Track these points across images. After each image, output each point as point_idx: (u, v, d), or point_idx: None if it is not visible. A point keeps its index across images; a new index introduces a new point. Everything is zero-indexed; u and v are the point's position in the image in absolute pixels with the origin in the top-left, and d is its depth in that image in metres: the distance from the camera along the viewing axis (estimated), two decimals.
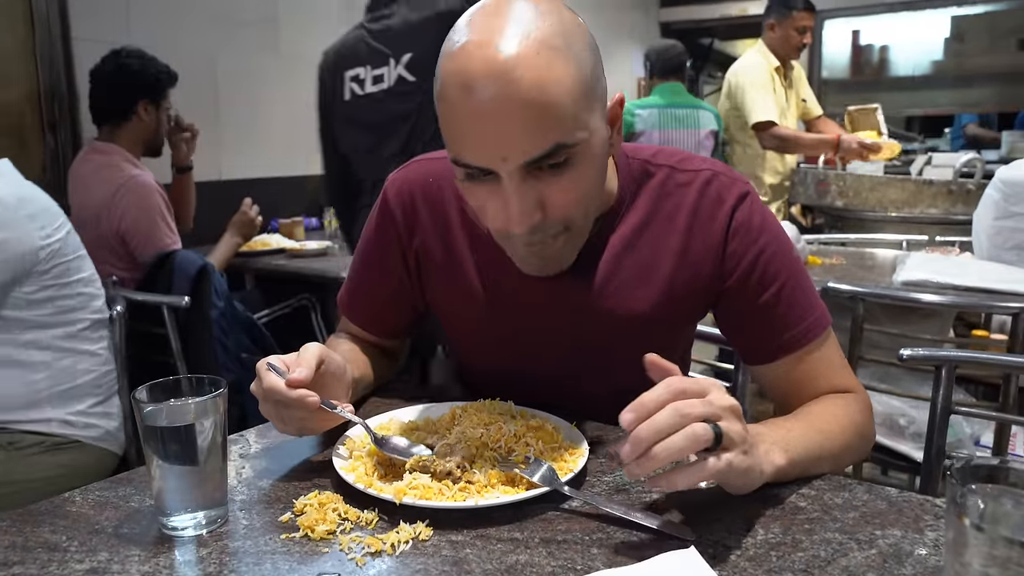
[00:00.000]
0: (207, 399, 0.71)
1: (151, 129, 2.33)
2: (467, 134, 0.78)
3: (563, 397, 0.97)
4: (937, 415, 1.21)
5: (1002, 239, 2.17)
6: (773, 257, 0.93)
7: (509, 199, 0.79)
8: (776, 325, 0.93)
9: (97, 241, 2.10)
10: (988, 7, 6.29)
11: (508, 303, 0.99)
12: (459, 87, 0.76)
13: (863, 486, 0.80)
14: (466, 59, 0.75)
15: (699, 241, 0.94)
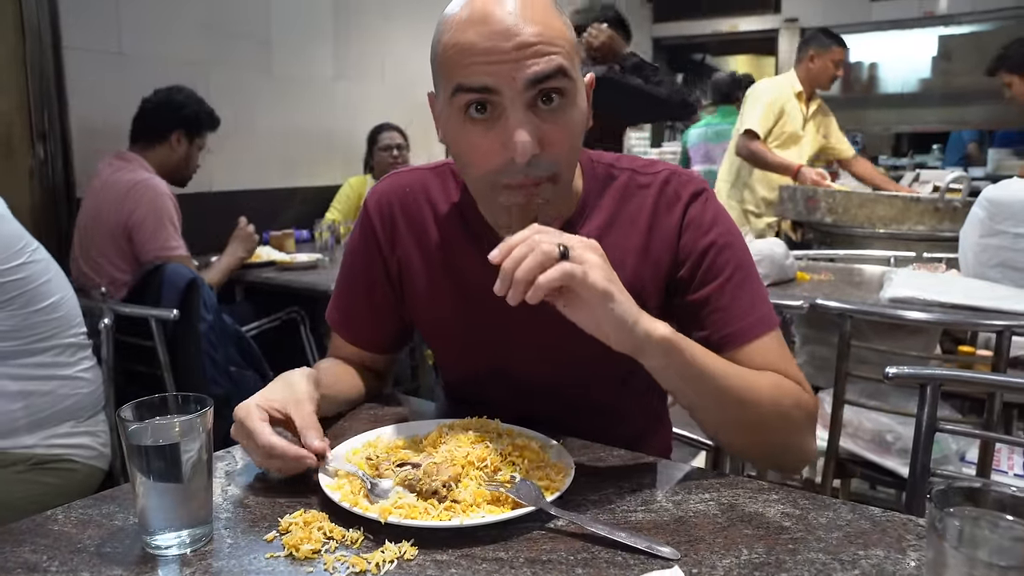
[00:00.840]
0: (193, 417, 0.71)
1: (179, 159, 2.51)
2: (481, 54, 0.82)
3: (542, 405, 0.99)
4: (922, 432, 1.22)
5: (987, 256, 2.19)
6: (722, 251, 0.96)
7: (512, 127, 0.83)
8: (720, 318, 0.95)
9: (105, 238, 2.26)
10: (973, 27, 6.37)
11: (484, 304, 0.95)
12: (477, 15, 0.83)
13: (847, 506, 0.81)
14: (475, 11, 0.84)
15: (658, 237, 0.99)
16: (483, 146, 0.86)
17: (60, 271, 1.63)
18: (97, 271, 2.31)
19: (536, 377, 1.03)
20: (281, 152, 3.58)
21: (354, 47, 3.94)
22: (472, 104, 0.84)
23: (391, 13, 4.17)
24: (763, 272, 2.18)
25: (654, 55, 7.44)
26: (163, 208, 2.30)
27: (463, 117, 0.86)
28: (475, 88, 0.83)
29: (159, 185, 2.34)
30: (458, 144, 0.89)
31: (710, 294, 0.96)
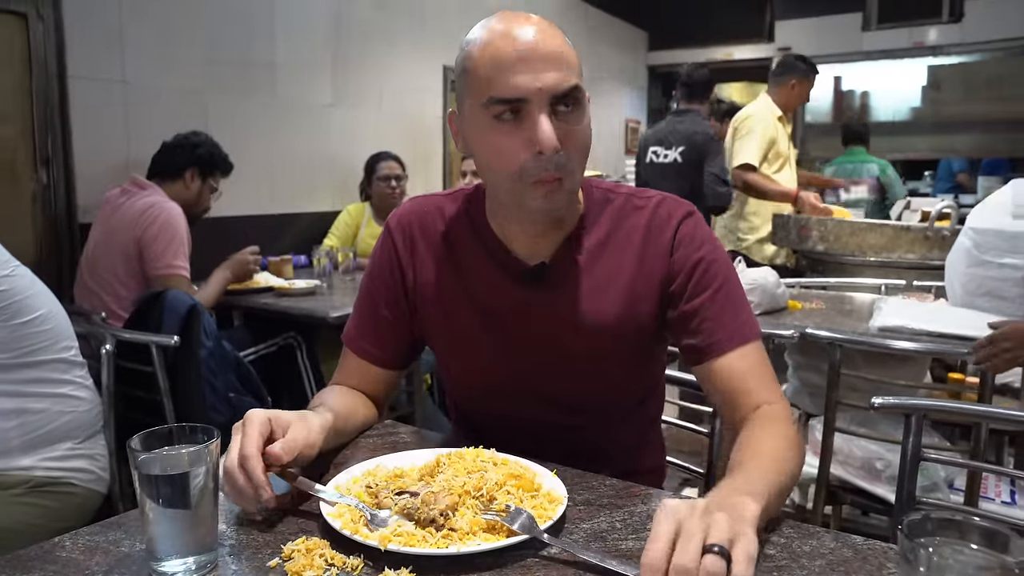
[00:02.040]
0: (202, 448, 0.74)
1: (192, 196, 2.62)
2: (511, 72, 0.94)
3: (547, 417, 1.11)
4: (907, 461, 1.25)
5: (974, 286, 2.22)
6: (710, 265, 1.07)
7: (541, 125, 0.94)
8: (709, 326, 1.04)
9: (116, 255, 2.37)
10: (961, 58, 6.50)
11: (494, 310, 1.10)
12: (504, 37, 0.96)
13: (831, 534, 0.84)
14: (505, 25, 0.97)
15: (652, 251, 1.08)
16: (511, 145, 0.96)
17: (45, 288, 1.64)
18: (103, 287, 2.37)
19: (540, 385, 1.11)
20: (279, 178, 3.62)
21: (352, 75, 4.00)
22: (504, 111, 0.96)
23: (390, 41, 4.24)
24: (755, 301, 2.21)
25: (649, 82, 7.55)
26: (176, 227, 2.42)
27: (493, 123, 0.97)
28: (508, 98, 0.95)
29: (174, 208, 2.45)
30: (488, 147, 0.99)
31: (700, 304, 1.05)
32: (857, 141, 5.16)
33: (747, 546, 0.66)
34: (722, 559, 0.64)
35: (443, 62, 4.64)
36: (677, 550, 0.65)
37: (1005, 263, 2.15)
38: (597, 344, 1.08)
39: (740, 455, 0.90)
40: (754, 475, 0.84)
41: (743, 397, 1.01)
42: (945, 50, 6.36)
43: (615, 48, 6.88)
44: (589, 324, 1.07)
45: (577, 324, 1.07)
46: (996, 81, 6.05)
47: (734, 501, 0.75)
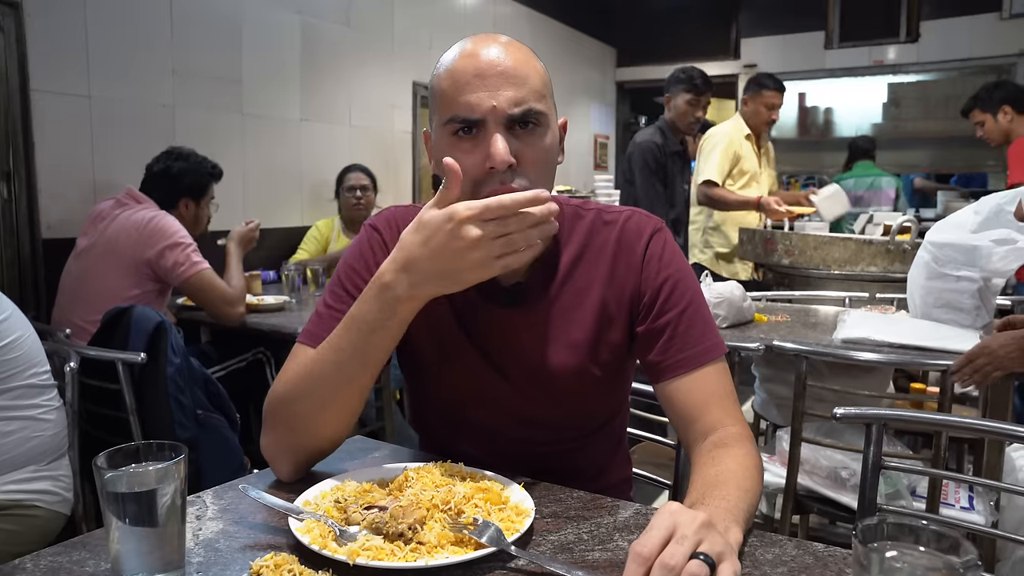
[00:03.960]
0: (169, 465, 0.74)
1: (191, 220, 2.63)
2: (468, 91, 0.96)
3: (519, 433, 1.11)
4: (869, 470, 1.28)
5: (933, 298, 2.28)
6: (677, 284, 1.08)
7: (494, 141, 0.95)
8: (677, 343, 1.05)
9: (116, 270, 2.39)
10: (920, 77, 6.69)
11: (472, 328, 1.09)
12: (465, 57, 0.98)
13: (792, 542, 0.86)
14: (472, 45, 0.99)
15: (623, 265, 1.10)
16: (468, 161, 0.96)
17: (19, 311, 1.62)
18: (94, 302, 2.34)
19: (518, 410, 1.11)
20: (248, 193, 3.61)
21: (321, 90, 4.00)
22: (461, 128, 0.97)
23: (359, 57, 4.25)
24: (721, 314, 2.25)
25: (617, 98, 7.63)
26: (176, 230, 2.45)
27: (453, 140, 0.98)
28: (465, 117, 0.96)
29: (169, 220, 2.47)
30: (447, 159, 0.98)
31: (667, 323, 1.06)
32: (864, 156, 5.44)
33: (734, 566, 0.68)
34: (707, 567, 0.66)
35: (413, 78, 4.66)
36: (668, 548, 0.67)
37: (962, 275, 2.21)
38: (573, 361, 1.08)
39: (714, 479, 0.90)
40: (734, 503, 0.84)
41: (703, 418, 1.02)
42: (904, 68, 6.54)
43: (584, 64, 6.96)
44: (565, 342, 1.08)
45: (554, 342, 1.08)
46: (951, 99, 6.22)
47: (727, 524, 0.78)
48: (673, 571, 0.65)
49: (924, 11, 6.32)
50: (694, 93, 3.57)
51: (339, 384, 0.97)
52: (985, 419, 1.41)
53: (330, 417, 0.99)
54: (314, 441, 1.01)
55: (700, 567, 0.65)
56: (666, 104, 3.63)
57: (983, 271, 2.17)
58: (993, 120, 3.52)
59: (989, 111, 3.52)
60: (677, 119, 3.61)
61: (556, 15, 6.28)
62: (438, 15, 4.92)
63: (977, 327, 2.19)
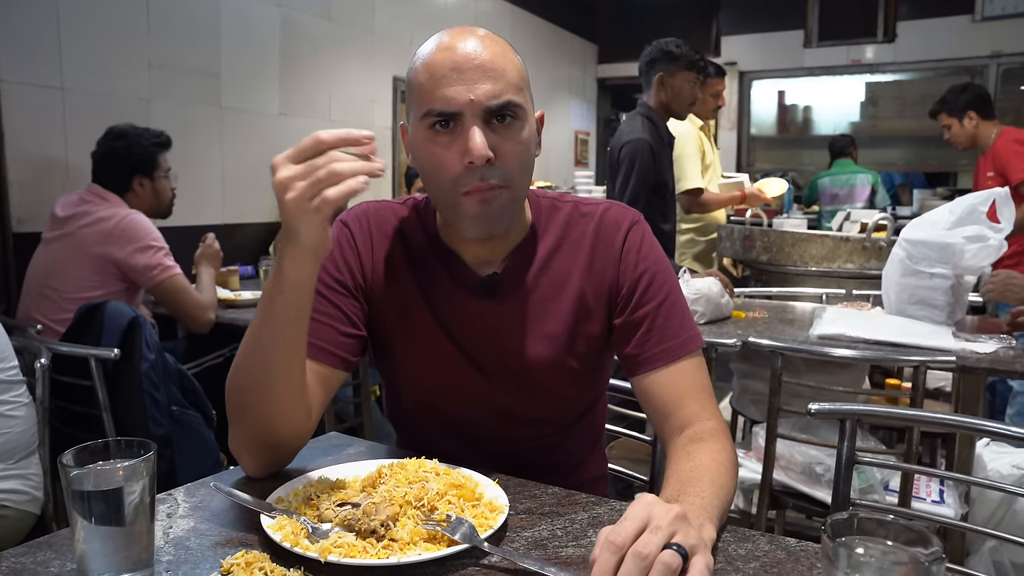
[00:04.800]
0: (137, 462, 0.73)
1: (150, 197, 2.52)
2: (445, 85, 0.96)
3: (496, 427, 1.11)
4: (842, 464, 1.29)
5: (907, 295, 2.31)
6: (655, 277, 1.09)
7: (472, 136, 0.95)
8: (654, 336, 1.06)
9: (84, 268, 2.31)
10: (896, 76, 6.77)
11: (448, 319, 1.09)
12: (443, 50, 0.98)
13: (765, 537, 0.86)
14: (448, 38, 0.99)
15: (600, 257, 1.11)
16: (447, 156, 0.97)
17: None
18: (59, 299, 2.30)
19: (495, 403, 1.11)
20: (227, 187, 3.58)
21: (301, 84, 3.97)
22: (438, 122, 0.97)
23: (339, 52, 4.22)
24: (699, 311, 2.26)
25: (599, 95, 7.64)
26: (147, 231, 2.38)
27: (431, 134, 0.98)
28: (442, 111, 0.96)
29: (137, 217, 2.40)
30: (426, 158, 1.00)
31: (644, 315, 1.07)
32: (842, 154, 5.62)
33: (707, 559, 0.69)
34: (679, 557, 0.66)
35: (393, 73, 4.64)
36: (642, 537, 0.67)
37: (935, 272, 2.24)
38: (550, 353, 1.08)
39: (689, 475, 0.90)
40: (708, 500, 0.84)
41: (680, 412, 1.02)
42: (881, 68, 6.61)
43: (565, 60, 6.96)
44: (542, 334, 1.08)
45: (530, 334, 1.08)
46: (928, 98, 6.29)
47: (701, 521, 0.78)
48: (646, 560, 0.64)
49: (901, 12, 6.39)
50: (698, 71, 2.99)
51: (259, 363, 0.93)
52: (956, 414, 1.43)
53: (264, 400, 0.95)
54: (263, 431, 0.97)
55: (673, 557, 0.65)
56: (658, 85, 2.94)
57: (956, 268, 2.20)
58: (959, 124, 3.57)
59: (955, 115, 3.57)
60: (675, 102, 2.94)
61: (537, 11, 6.28)
62: (419, 10, 4.90)
63: (950, 323, 2.21)
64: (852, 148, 5.69)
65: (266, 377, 0.94)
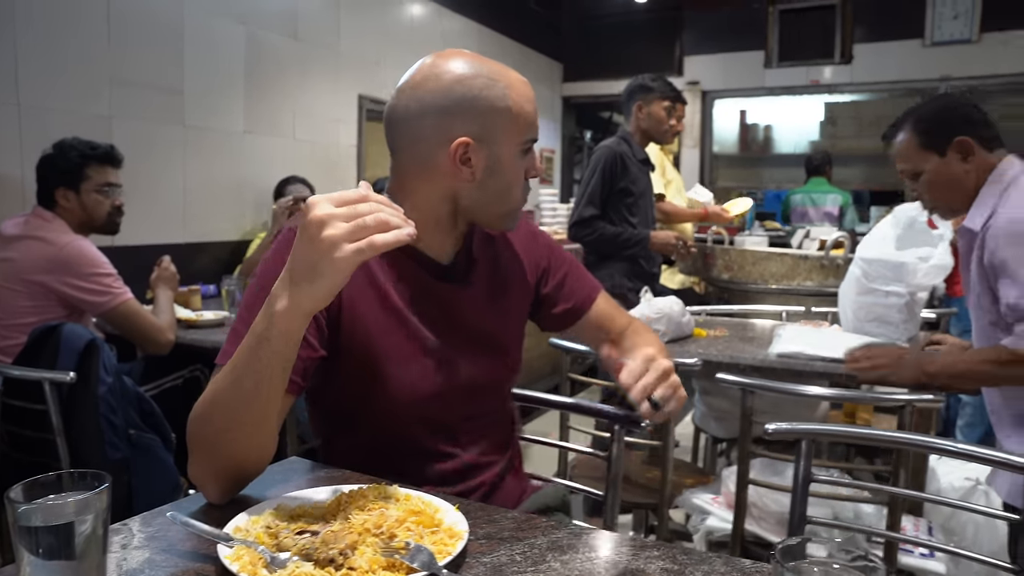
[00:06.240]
0: (90, 495, 0.71)
1: (79, 212, 2.38)
2: (534, 117, 1.19)
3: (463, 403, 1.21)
4: (799, 484, 1.31)
5: (864, 312, 2.36)
6: (554, 249, 1.41)
7: (538, 157, 1.24)
8: (576, 288, 1.40)
9: (23, 294, 2.22)
10: (854, 97, 6.94)
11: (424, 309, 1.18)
12: (524, 84, 1.18)
13: (721, 558, 0.87)
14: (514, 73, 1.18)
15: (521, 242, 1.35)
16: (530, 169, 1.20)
17: None
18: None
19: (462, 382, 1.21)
20: (188, 206, 3.54)
21: (266, 102, 3.95)
22: (529, 146, 1.18)
23: (304, 70, 4.21)
24: (661, 329, 2.28)
25: (564, 113, 7.71)
26: (92, 258, 2.28)
27: (521, 153, 1.17)
28: (534, 137, 1.19)
29: (77, 242, 2.30)
30: (513, 172, 1.17)
31: (564, 276, 1.39)
32: (815, 172, 5.77)
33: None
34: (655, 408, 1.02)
35: (358, 92, 4.64)
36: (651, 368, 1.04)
37: (891, 291, 2.30)
38: (505, 321, 1.28)
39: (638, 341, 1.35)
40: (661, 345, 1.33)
41: (615, 325, 1.41)
42: (839, 88, 6.77)
43: (531, 79, 6.90)
44: (497, 307, 1.27)
45: (490, 307, 1.25)
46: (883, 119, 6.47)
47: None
48: (661, 367, 1.04)
49: (857, 34, 6.57)
50: (672, 100, 3.29)
51: (237, 405, 0.93)
52: (907, 432, 1.47)
53: (240, 439, 0.96)
54: (232, 464, 0.98)
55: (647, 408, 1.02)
56: (636, 113, 3.25)
57: (909, 286, 2.26)
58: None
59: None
60: (652, 127, 3.25)
61: (504, 30, 6.33)
62: (386, 29, 4.91)
63: (904, 340, 2.27)
64: (827, 166, 5.77)
65: (245, 419, 0.94)
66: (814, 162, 5.84)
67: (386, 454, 1.19)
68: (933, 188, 1.77)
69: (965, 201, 1.75)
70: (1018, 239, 1.59)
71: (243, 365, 0.91)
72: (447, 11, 5.54)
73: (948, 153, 1.73)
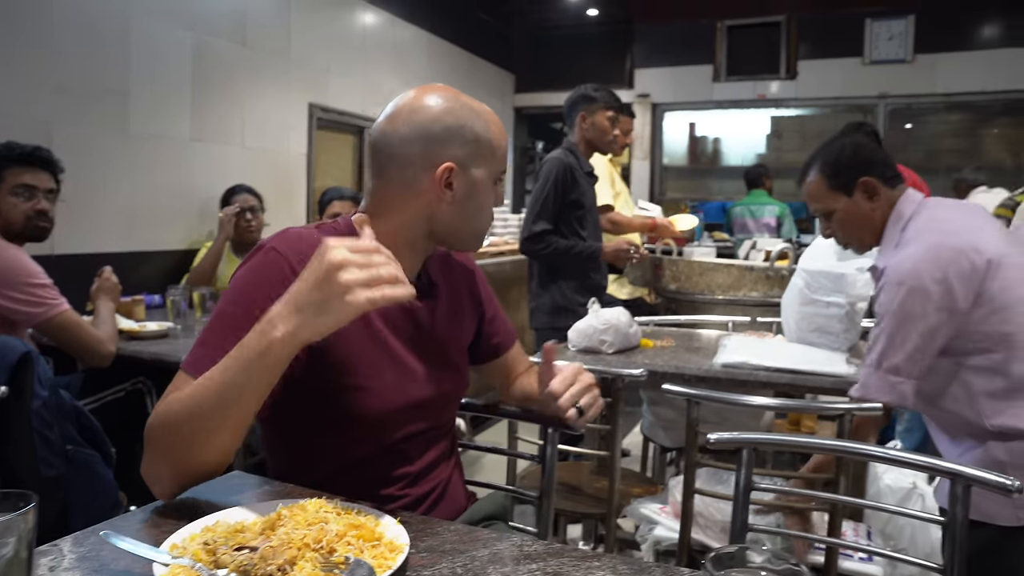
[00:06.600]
0: (12, 517, 0.69)
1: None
2: (505, 154, 1.26)
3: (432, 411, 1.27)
4: (740, 492, 1.34)
5: (806, 323, 2.42)
6: (488, 291, 1.47)
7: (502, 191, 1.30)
8: (501, 327, 1.48)
9: None
10: (799, 111, 7.14)
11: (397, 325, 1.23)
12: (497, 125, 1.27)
13: (661, 568, 0.89)
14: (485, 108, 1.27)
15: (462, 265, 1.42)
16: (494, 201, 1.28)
17: None
18: None
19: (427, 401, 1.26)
20: (133, 214, 3.46)
21: (214, 109, 3.89)
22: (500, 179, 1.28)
23: (254, 77, 4.16)
24: (608, 340, 2.31)
25: (516, 124, 7.76)
26: (22, 266, 2.19)
27: (492, 184, 1.25)
28: (504, 171, 1.28)
29: (15, 257, 2.21)
30: (487, 201, 1.25)
31: (495, 308, 1.47)
32: (757, 184, 5.98)
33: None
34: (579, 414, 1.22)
35: (309, 100, 4.60)
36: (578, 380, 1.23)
37: (832, 301, 2.36)
38: (466, 336, 1.38)
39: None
40: None
41: (522, 367, 1.53)
42: (784, 103, 6.97)
43: (482, 90, 7.04)
44: (455, 328, 1.34)
45: (450, 328, 1.32)
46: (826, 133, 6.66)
47: None
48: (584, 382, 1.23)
49: (801, 51, 6.78)
50: (615, 110, 3.28)
51: (216, 415, 0.97)
52: (846, 440, 1.51)
53: (208, 447, 1.00)
54: (193, 467, 1.01)
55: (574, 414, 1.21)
56: (580, 123, 3.23)
57: (849, 296, 2.33)
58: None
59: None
60: (597, 137, 3.24)
61: (454, 40, 6.34)
62: (337, 37, 4.88)
63: (844, 349, 2.33)
64: (766, 178, 5.98)
65: (223, 425, 0.98)
66: (752, 175, 6.04)
67: (342, 465, 1.20)
68: (845, 226, 1.84)
69: (874, 237, 1.82)
70: (889, 287, 1.65)
71: (229, 379, 0.95)
72: (399, 20, 5.53)
73: (855, 193, 1.80)
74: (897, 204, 1.78)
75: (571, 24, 7.34)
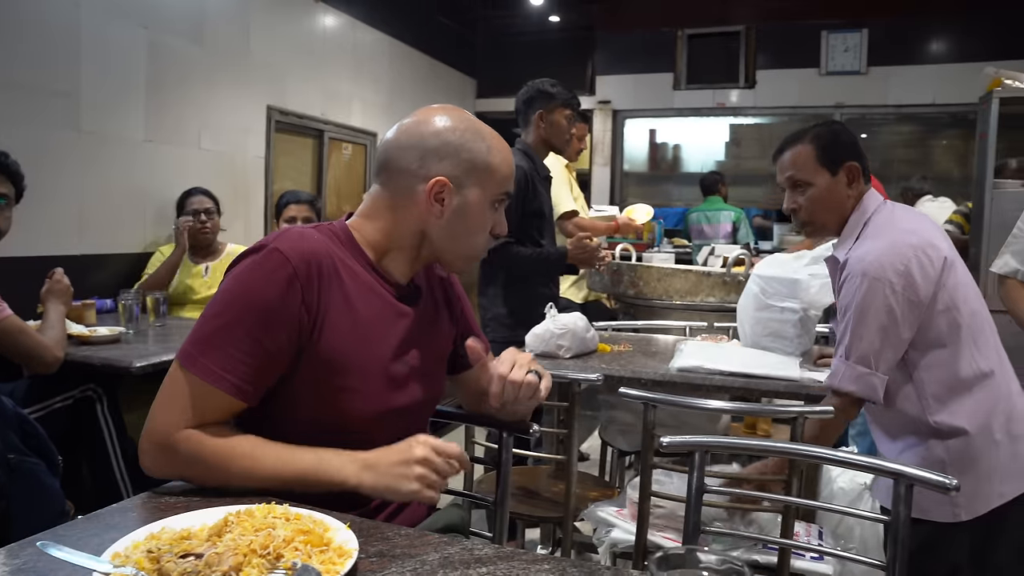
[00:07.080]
0: None
1: None
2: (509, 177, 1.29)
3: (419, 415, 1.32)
4: (693, 495, 1.35)
5: (761, 328, 2.46)
6: (466, 303, 1.48)
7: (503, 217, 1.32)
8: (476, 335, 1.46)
9: None
10: (757, 120, 7.27)
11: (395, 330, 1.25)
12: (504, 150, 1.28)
13: (611, 570, 0.89)
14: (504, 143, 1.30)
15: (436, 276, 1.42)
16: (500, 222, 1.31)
17: None
18: None
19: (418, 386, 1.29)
20: (85, 216, 3.38)
21: (169, 110, 3.82)
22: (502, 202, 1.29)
23: (211, 78, 4.10)
24: (566, 345, 2.32)
25: None
26: None
27: (492, 208, 1.27)
28: (509, 192, 1.29)
29: None
30: (481, 222, 1.27)
31: (468, 325, 1.47)
32: (712, 191, 6.10)
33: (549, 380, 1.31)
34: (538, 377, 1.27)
35: (267, 102, 4.55)
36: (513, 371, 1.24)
37: (786, 307, 2.40)
38: (441, 353, 1.39)
39: None
40: None
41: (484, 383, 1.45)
42: (743, 111, 7.09)
43: (444, 94, 7.03)
44: (436, 335, 1.36)
45: (432, 335, 1.34)
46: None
47: None
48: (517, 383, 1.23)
49: (759, 61, 6.91)
50: (573, 110, 3.12)
51: (246, 481, 1.09)
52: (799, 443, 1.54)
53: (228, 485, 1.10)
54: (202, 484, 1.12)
55: (534, 378, 1.25)
56: (537, 122, 3.04)
57: (803, 302, 2.37)
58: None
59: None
60: (555, 137, 3.05)
61: (417, 45, 6.33)
62: (296, 39, 4.83)
63: (798, 354, 2.37)
64: (721, 184, 6.09)
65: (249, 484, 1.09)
66: (707, 182, 6.16)
67: None
68: (816, 204, 1.86)
69: (837, 225, 1.86)
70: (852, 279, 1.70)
71: (271, 475, 1.09)
72: (360, 24, 5.50)
73: (839, 174, 1.83)
74: (863, 199, 1.84)
75: (533, 30, 7.38)
